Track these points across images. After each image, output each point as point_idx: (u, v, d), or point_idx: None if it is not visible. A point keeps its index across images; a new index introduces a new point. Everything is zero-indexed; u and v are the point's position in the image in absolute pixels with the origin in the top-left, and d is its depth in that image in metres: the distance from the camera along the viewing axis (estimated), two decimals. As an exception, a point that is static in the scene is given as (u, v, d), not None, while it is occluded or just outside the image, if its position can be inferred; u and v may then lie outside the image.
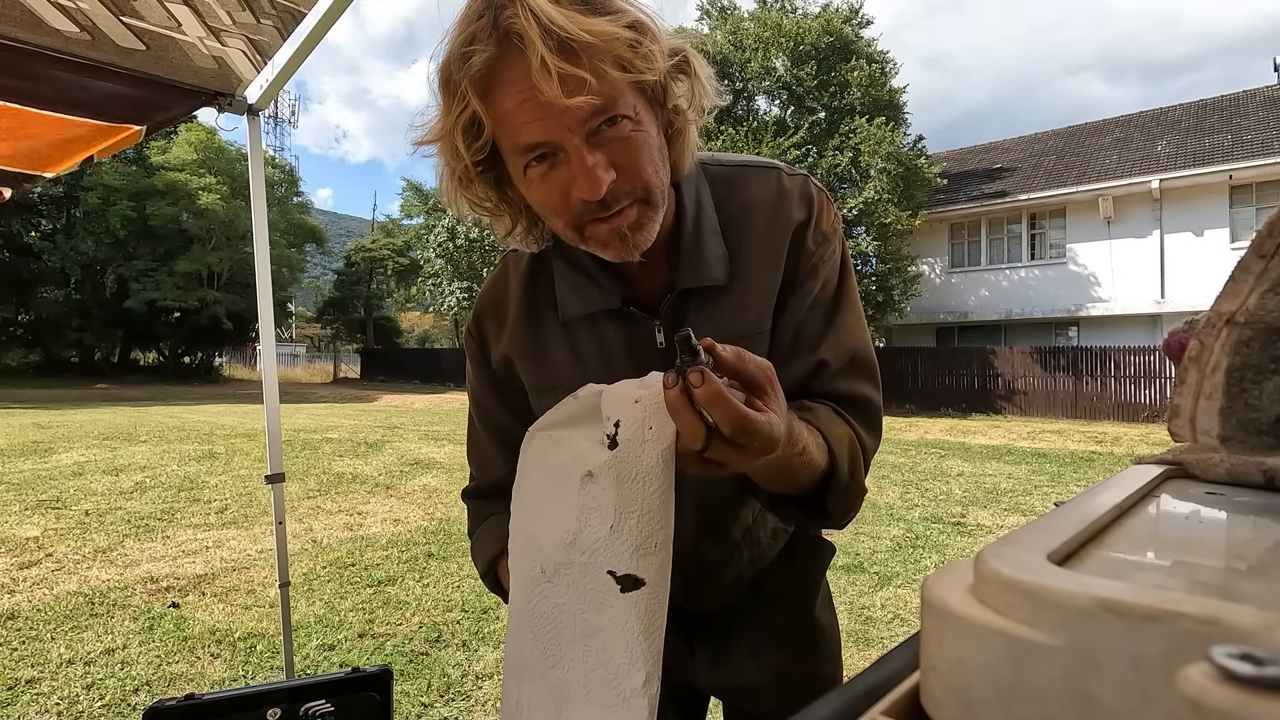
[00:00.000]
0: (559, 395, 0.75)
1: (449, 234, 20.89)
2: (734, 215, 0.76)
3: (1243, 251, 0.40)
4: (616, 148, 0.62)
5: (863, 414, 0.75)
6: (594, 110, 0.59)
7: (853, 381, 0.75)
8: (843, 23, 16.81)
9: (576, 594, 0.54)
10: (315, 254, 37.95)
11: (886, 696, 0.24)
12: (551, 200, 0.65)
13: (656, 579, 0.51)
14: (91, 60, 1.66)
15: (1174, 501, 0.36)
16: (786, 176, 0.78)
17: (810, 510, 0.70)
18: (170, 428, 10.79)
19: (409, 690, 2.51)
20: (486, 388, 0.85)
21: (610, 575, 0.51)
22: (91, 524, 4.84)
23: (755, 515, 0.85)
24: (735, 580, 0.86)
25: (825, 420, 0.70)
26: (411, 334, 45.45)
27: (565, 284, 0.77)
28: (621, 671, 0.51)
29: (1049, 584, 0.20)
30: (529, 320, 0.80)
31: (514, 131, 0.62)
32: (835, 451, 0.67)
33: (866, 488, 0.73)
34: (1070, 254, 15.90)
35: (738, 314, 0.75)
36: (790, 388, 0.73)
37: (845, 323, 0.77)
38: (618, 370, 0.75)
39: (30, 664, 2.71)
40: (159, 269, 25.02)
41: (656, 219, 0.67)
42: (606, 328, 0.76)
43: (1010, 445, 9.66)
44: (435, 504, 5.63)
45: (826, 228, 0.77)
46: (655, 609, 0.51)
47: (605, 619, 0.52)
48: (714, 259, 0.74)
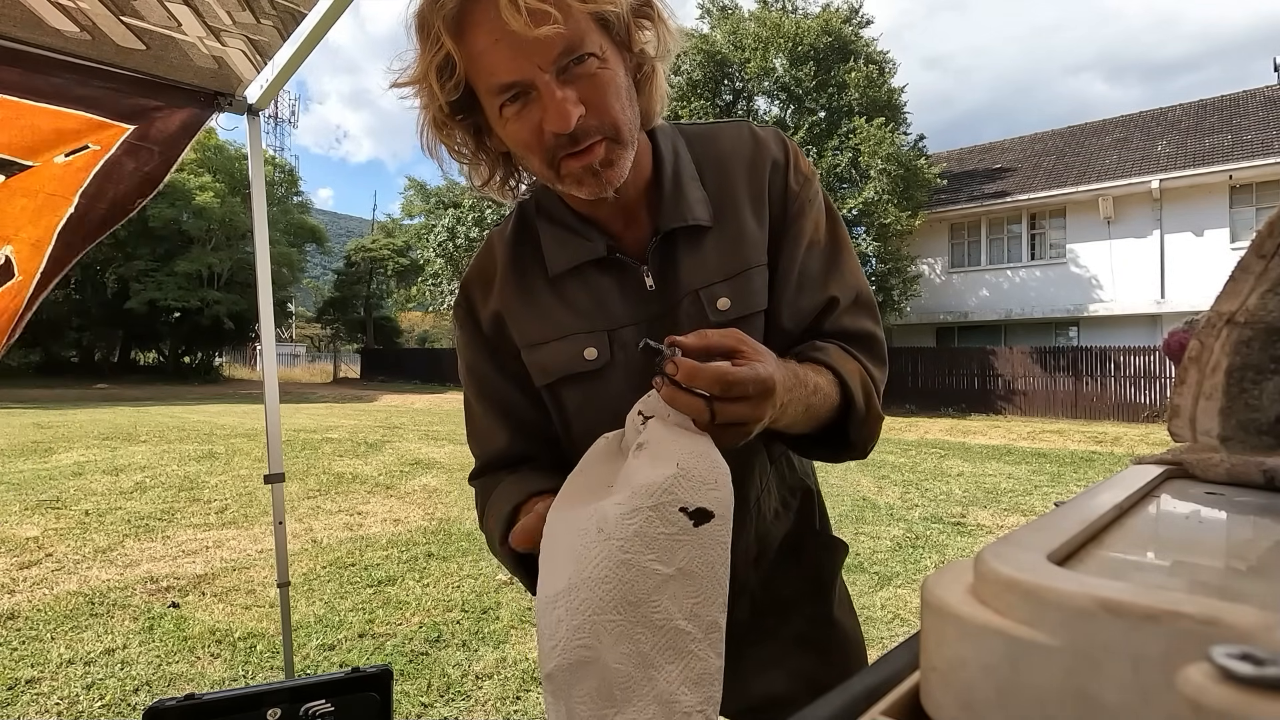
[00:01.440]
0: (550, 350, 0.78)
1: (449, 234, 20.88)
2: (712, 163, 0.79)
3: (1243, 251, 0.40)
4: (585, 85, 0.64)
5: (869, 348, 0.78)
6: (562, 48, 0.62)
7: (858, 319, 0.79)
8: (842, 23, 16.78)
9: (645, 541, 0.52)
10: (315, 254, 37.99)
11: (886, 696, 0.24)
12: (524, 137, 0.67)
13: (724, 512, 0.53)
14: (91, 60, 1.66)
15: (1174, 501, 0.36)
16: (758, 128, 0.82)
17: (834, 444, 0.75)
18: (170, 428, 10.79)
19: (409, 690, 2.51)
20: (480, 354, 0.84)
21: (683, 512, 0.52)
22: (91, 524, 4.84)
23: (763, 485, 0.84)
24: (742, 561, 0.83)
25: (836, 357, 0.73)
26: (411, 334, 45.44)
27: (550, 240, 0.79)
28: (700, 609, 0.51)
29: (1049, 584, 0.20)
30: (517, 280, 0.80)
31: (488, 72, 0.64)
32: (850, 385, 0.71)
33: (883, 415, 0.77)
34: (1070, 254, 15.89)
35: (727, 253, 0.76)
36: (801, 324, 0.78)
37: (847, 264, 0.81)
38: (611, 316, 0.77)
39: (30, 664, 2.71)
40: (159, 269, 25.02)
41: (627, 156, 0.69)
42: (595, 278, 0.77)
43: (1010, 445, 9.66)
44: (435, 504, 5.63)
45: (805, 169, 0.81)
46: (726, 540, 0.52)
47: (680, 560, 0.51)
48: (695, 200, 0.76)
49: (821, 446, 0.76)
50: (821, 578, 0.91)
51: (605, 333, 0.76)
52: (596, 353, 0.76)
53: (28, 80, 1.61)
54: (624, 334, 0.77)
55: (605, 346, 0.76)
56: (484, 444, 0.86)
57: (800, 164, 0.80)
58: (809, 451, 0.79)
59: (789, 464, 0.89)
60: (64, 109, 1.68)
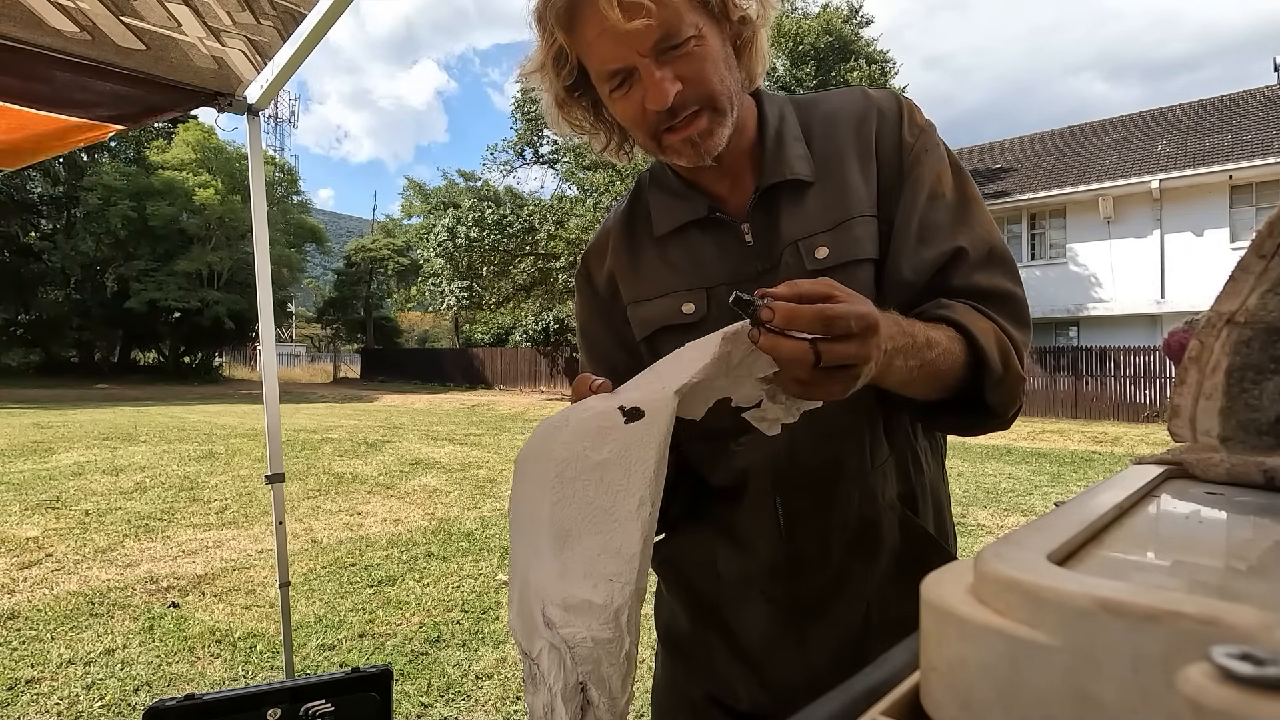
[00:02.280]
0: (652, 305, 0.81)
1: (449, 234, 20.87)
2: (819, 123, 0.81)
3: (1243, 251, 0.40)
4: (682, 63, 0.69)
5: (1006, 308, 0.72)
6: (660, 35, 0.67)
7: (992, 275, 0.73)
8: (842, 22, 16.81)
9: (584, 434, 0.56)
10: (315, 254, 37.98)
11: (886, 696, 0.24)
12: (630, 114, 0.73)
13: (658, 414, 0.54)
14: (91, 60, 1.66)
15: (1174, 501, 0.36)
16: (871, 89, 0.83)
17: (970, 411, 0.69)
18: (170, 428, 10.79)
19: (409, 690, 2.51)
20: (594, 316, 0.91)
21: (620, 410, 0.55)
22: (91, 524, 4.84)
23: (873, 461, 0.78)
24: (840, 529, 0.77)
25: (963, 314, 0.68)
26: (411, 334, 45.45)
27: (657, 204, 0.85)
28: (618, 498, 0.53)
29: (1049, 584, 0.20)
30: (628, 244, 0.87)
31: (597, 60, 0.72)
32: (981, 342, 0.65)
33: (1024, 377, 0.71)
34: (1070, 254, 15.90)
35: (830, 205, 0.76)
36: (924, 279, 0.73)
37: (977, 216, 0.76)
38: (710, 274, 0.80)
39: (30, 664, 2.71)
40: (159, 269, 25.04)
41: (726, 125, 0.73)
42: (696, 237, 0.81)
43: (1010, 445, 9.66)
44: (435, 504, 5.63)
45: (920, 121, 0.80)
46: (652, 439, 0.53)
47: (605, 452, 0.54)
48: (796, 157, 0.78)
49: (954, 414, 0.71)
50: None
51: (703, 289, 0.79)
52: (694, 307, 0.79)
53: (29, 87, 1.61)
54: (720, 291, 0.78)
55: (703, 302, 0.79)
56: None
57: (915, 116, 0.79)
58: (940, 420, 0.75)
59: (914, 460, 0.81)
60: (64, 116, 1.68)
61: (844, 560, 0.77)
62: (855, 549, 0.77)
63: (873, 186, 0.76)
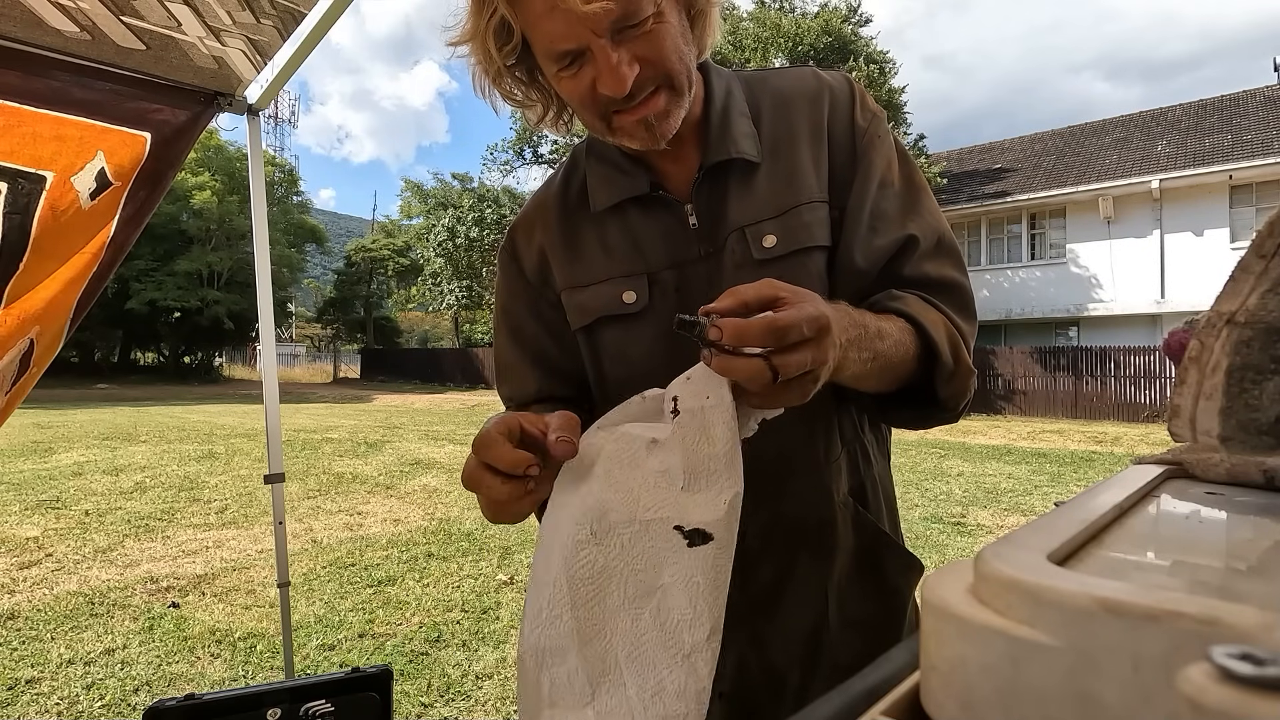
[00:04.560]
0: (590, 292, 0.76)
1: (449, 234, 20.90)
2: (768, 101, 0.77)
3: (1243, 251, 0.40)
4: (641, 42, 0.64)
5: (954, 298, 0.73)
6: (617, 16, 0.61)
7: (941, 265, 0.73)
8: (841, 21, 16.81)
9: (632, 555, 0.51)
10: (315, 254, 38.00)
11: (886, 696, 0.24)
12: (579, 94, 0.67)
13: (725, 536, 0.49)
14: (91, 60, 1.66)
15: (1174, 501, 0.36)
16: (823, 70, 0.80)
17: (921, 405, 0.70)
18: (170, 428, 10.79)
19: (409, 690, 2.51)
20: (518, 298, 0.84)
21: (677, 530, 0.50)
22: (91, 524, 4.84)
23: (828, 455, 0.77)
24: (795, 526, 0.76)
25: (914, 306, 0.68)
26: (411, 334, 45.46)
27: (596, 176, 0.79)
28: (681, 629, 0.48)
29: (1049, 584, 0.20)
30: (563, 219, 0.81)
31: (545, 38, 0.65)
32: (932, 335, 0.65)
33: (974, 370, 0.72)
34: (1070, 254, 15.90)
35: (778, 190, 0.73)
36: (877, 267, 0.72)
37: (926, 205, 0.76)
38: (651, 258, 0.75)
39: (30, 664, 2.71)
40: (159, 269, 25.03)
41: (682, 105, 0.69)
42: (636, 216, 0.76)
43: (1010, 445, 9.66)
44: (435, 504, 5.63)
45: (872, 107, 0.77)
46: (723, 565, 0.49)
47: (666, 577, 0.49)
48: (742, 135, 0.74)
49: (906, 407, 0.71)
50: (897, 600, 0.80)
51: (644, 275, 0.75)
52: (635, 296, 0.75)
53: (27, 84, 1.61)
54: (664, 277, 0.75)
55: (644, 290, 0.75)
56: (513, 386, 0.84)
57: (867, 102, 0.77)
58: (892, 414, 0.74)
59: (864, 454, 0.81)
60: (64, 115, 1.68)
61: (798, 557, 0.76)
62: (809, 545, 0.76)
63: (824, 171, 0.74)
